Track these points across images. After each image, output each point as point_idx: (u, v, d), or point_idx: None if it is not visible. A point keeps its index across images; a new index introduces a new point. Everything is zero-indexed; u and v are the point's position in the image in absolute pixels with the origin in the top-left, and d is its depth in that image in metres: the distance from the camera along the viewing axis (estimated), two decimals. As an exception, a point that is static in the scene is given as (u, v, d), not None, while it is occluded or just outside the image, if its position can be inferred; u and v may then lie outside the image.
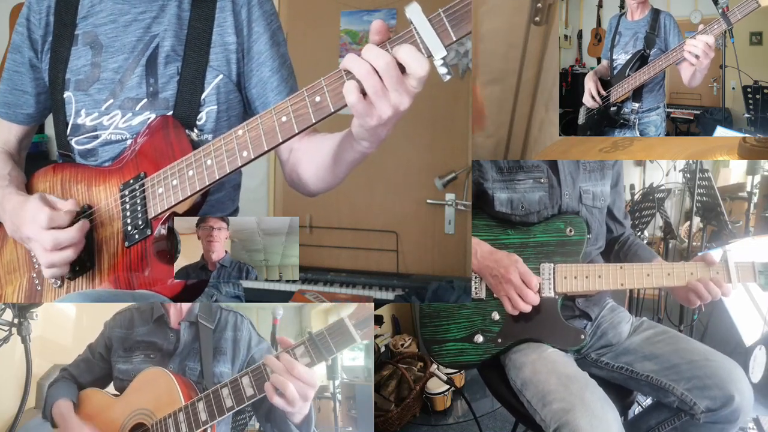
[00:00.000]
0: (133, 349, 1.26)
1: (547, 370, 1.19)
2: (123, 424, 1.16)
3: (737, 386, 1.20)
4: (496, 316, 1.32)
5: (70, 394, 1.24)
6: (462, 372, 2.66)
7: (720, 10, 1.46)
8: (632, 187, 3.10)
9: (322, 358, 1.06)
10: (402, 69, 0.84)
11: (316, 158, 1.14)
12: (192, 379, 1.20)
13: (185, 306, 1.26)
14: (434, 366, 2.52)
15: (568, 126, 1.77)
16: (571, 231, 1.31)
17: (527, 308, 1.26)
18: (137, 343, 1.26)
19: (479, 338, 1.32)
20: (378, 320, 2.66)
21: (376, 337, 2.64)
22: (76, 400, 1.24)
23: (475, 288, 1.34)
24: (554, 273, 1.29)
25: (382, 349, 2.70)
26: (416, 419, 2.50)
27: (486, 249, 1.30)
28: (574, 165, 1.36)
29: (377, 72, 0.83)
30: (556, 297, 1.29)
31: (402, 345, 2.74)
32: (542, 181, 1.33)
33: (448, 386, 2.56)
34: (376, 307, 2.54)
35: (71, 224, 1.08)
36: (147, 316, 1.28)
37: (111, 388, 1.30)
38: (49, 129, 2.98)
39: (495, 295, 1.30)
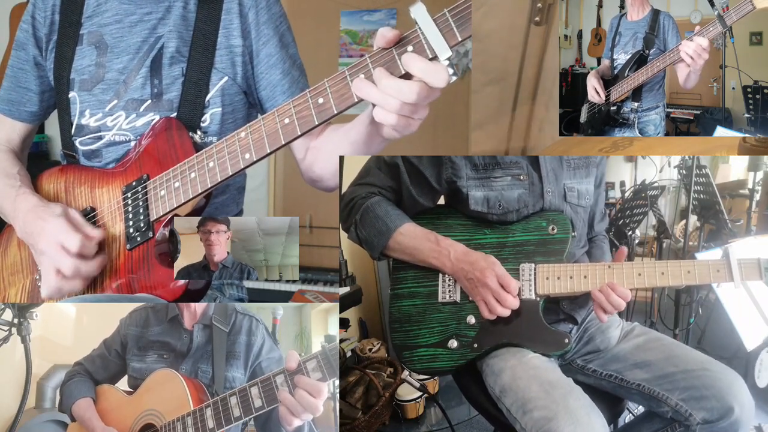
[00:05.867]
0: (147, 349, 1.26)
1: (528, 376, 1.12)
2: (134, 423, 1.17)
3: (737, 398, 1.13)
4: (471, 320, 1.23)
5: (90, 392, 1.25)
6: (436, 378, 2.50)
7: (717, 12, 1.46)
8: (623, 183, 2.98)
9: (334, 375, 1.03)
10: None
11: (334, 156, 1.13)
12: (204, 382, 1.19)
13: (200, 307, 1.24)
14: (406, 372, 2.31)
15: (569, 125, 1.77)
16: (553, 229, 1.23)
17: (505, 312, 1.18)
18: (151, 342, 1.26)
19: (453, 343, 1.24)
20: (344, 323, 2.51)
21: (342, 341, 2.51)
22: (95, 397, 1.25)
23: (449, 290, 1.26)
24: (535, 274, 1.21)
25: (348, 354, 2.52)
26: (385, 428, 2.31)
27: (460, 250, 1.22)
28: (557, 161, 1.28)
29: (414, 104, 0.84)
30: (538, 299, 1.20)
31: (370, 349, 2.57)
32: (521, 178, 1.23)
33: (421, 393, 2.37)
34: (341, 310, 2.39)
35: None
36: (162, 316, 1.27)
37: (123, 383, 1.30)
38: (50, 129, 2.98)
39: (470, 299, 1.23)
